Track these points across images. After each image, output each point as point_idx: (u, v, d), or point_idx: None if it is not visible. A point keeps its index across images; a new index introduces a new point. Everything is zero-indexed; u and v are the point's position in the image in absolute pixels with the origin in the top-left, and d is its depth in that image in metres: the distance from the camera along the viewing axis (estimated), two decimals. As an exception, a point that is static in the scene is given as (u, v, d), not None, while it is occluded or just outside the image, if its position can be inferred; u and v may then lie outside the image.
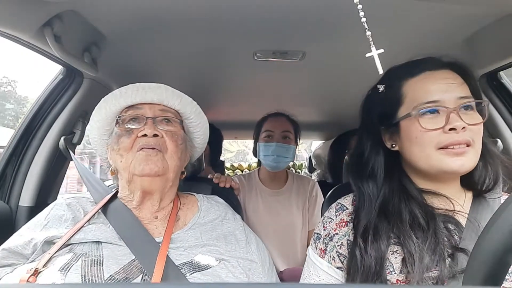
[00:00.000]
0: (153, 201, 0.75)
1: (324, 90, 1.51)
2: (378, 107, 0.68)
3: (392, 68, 0.69)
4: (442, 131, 0.59)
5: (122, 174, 0.74)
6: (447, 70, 0.64)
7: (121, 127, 0.74)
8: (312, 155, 2.77)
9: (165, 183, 0.74)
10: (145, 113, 0.75)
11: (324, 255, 0.68)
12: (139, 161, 0.69)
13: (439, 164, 0.59)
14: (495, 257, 0.39)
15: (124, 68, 1.16)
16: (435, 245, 0.57)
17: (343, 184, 1.22)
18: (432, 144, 0.59)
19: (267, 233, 1.47)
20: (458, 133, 0.58)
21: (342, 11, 0.79)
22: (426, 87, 0.62)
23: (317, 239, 0.72)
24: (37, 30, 0.78)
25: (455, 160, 0.58)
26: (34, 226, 0.71)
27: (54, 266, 0.60)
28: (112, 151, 0.74)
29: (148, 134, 0.71)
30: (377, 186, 0.66)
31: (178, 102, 0.78)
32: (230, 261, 0.69)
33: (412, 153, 0.63)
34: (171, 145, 0.73)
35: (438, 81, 0.62)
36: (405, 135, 0.64)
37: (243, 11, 0.82)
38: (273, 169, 1.51)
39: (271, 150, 1.45)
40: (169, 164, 0.72)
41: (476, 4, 0.77)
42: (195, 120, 0.83)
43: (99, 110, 0.78)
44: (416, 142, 0.61)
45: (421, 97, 0.61)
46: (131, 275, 0.61)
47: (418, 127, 0.60)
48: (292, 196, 1.54)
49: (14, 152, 1.06)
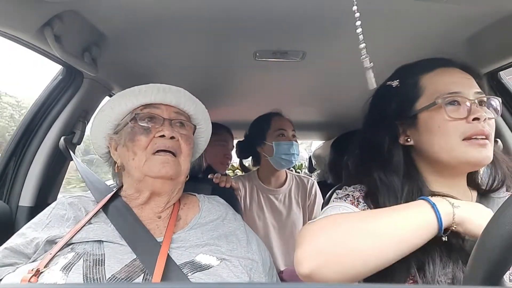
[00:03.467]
0: (159, 202, 0.75)
1: (324, 90, 1.51)
2: (393, 101, 0.68)
3: (403, 66, 0.71)
4: (465, 121, 0.59)
5: (131, 172, 0.74)
6: (457, 68, 0.66)
7: (137, 125, 0.74)
8: (312, 155, 2.77)
9: (175, 186, 0.75)
10: (161, 113, 0.76)
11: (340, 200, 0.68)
12: (155, 163, 0.70)
13: (464, 156, 0.59)
14: (496, 257, 0.39)
15: (124, 68, 1.16)
16: (450, 253, 0.57)
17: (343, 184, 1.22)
18: (456, 134, 0.60)
19: (268, 232, 1.47)
20: (480, 123, 0.59)
21: (343, 11, 0.79)
22: (446, 79, 0.63)
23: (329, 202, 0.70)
24: (37, 30, 0.78)
25: (480, 151, 0.59)
26: (36, 225, 0.71)
27: (55, 266, 0.60)
28: (122, 147, 0.74)
29: (166, 135, 0.71)
30: (401, 182, 0.64)
31: (194, 107, 0.80)
32: (231, 260, 0.69)
33: (433, 144, 0.62)
34: (185, 148, 0.74)
35: (455, 75, 0.64)
36: (425, 126, 0.63)
37: (243, 11, 0.82)
38: (283, 167, 1.51)
39: (291, 149, 1.45)
40: (182, 168, 0.74)
41: (476, 4, 0.77)
42: (203, 126, 0.85)
43: (112, 105, 0.77)
44: (439, 132, 0.61)
45: (443, 88, 0.62)
46: (132, 275, 0.61)
47: (442, 116, 0.60)
48: (292, 195, 1.54)
49: (14, 152, 1.06)
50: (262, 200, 1.51)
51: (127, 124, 0.75)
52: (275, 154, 1.46)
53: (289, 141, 1.47)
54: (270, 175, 1.55)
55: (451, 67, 0.66)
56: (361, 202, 0.67)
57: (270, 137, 1.49)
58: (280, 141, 1.46)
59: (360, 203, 0.67)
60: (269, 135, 1.49)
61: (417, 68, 0.68)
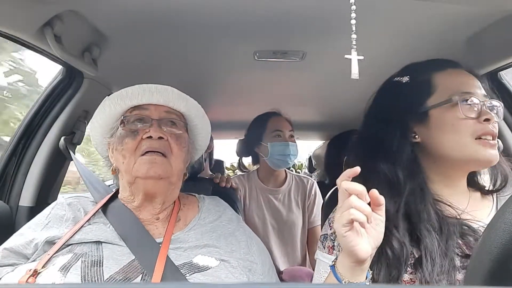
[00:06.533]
0: (155, 204, 0.74)
1: (324, 90, 1.51)
2: (402, 98, 0.69)
3: (413, 63, 0.72)
4: (477, 121, 0.61)
5: (123, 175, 0.74)
6: (465, 71, 0.67)
7: (126, 128, 0.73)
8: (312, 155, 2.76)
9: (168, 186, 0.74)
10: (150, 114, 0.75)
11: (333, 251, 0.68)
12: (143, 164, 0.69)
13: (475, 154, 0.61)
14: (496, 257, 0.39)
15: (124, 68, 1.16)
16: (447, 250, 0.57)
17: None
18: (468, 132, 0.61)
19: (268, 232, 1.47)
20: (490, 124, 0.61)
21: (343, 11, 0.79)
22: (460, 79, 0.65)
23: (324, 239, 0.71)
24: (37, 30, 0.78)
25: (491, 151, 0.61)
26: (35, 225, 0.71)
27: (53, 267, 0.60)
28: (115, 150, 0.74)
29: (153, 136, 0.70)
30: (404, 180, 0.65)
31: (184, 104, 0.78)
32: (230, 261, 0.68)
33: (444, 142, 0.63)
34: (175, 148, 0.73)
35: (465, 77, 0.66)
36: (436, 123, 0.64)
37: (243, 11, 0.82)
38: (280, 168, 1.51)
39: (287, 150, 1.45)
40: (173, 168, 0.72)
41: (476, 4, 0.77)
42: (199, 123, 0.83)
43: (103, 109, 0.77)
44: (451, 130, 0.62)
45: (457, 87, 0.63)
46: (130, 276, 0.61)
47: (455, 114, 0.62)
48: (291, 195, 1.54)
49: (14, 152, 1.06)
50: (262, 200, 1.51)
51: (118, 127, 0.75)
52: (270, 155, 1.46)
53: (285, 141, 1.46)
54: (270, 175, 1.55)
55: (460, 69, 0.67)
56: None
57: (267, 137, 1.49)
58: (275, 142, 1.46)
59: None
60: (265, 135, 1.49)
61: (428, 67, 0.69)
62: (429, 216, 0.61)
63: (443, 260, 0.56)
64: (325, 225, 0.73)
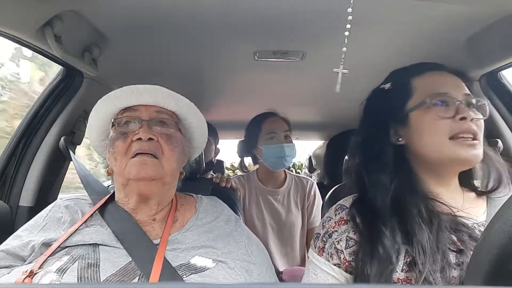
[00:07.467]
0: (151, 205, 0.74)
1: (325, 90, 1.51)
2: (385, 102, 0.71)
3: (396, 70, 0.74)
4: (452, 121, 0.62)
5: (116, 177, 0.73)
6: (447, 72, 0.69)
7: (116, 130, 0.73)
8: (312, 155, 2.76)
9: (162, 187, 0.73)
10: (140, 115, 0.74)
11: (322, 252, 0.69)
12: (133, 166, 0.68)
13: (453, 154, 0.61)
14: (496, 257, 0.39)
15: (124, 68, 1.16)
16: (438, 243, 0.58)
17: (343, 184, 1.22)
18: (444, 132, 0.62)
19: (267, 233, 1.47)
20: (467, 122, 0.61)
21: (343, 11, 0.79)
22: (436, 82, 0.67)
23: (316, 238, 0.72)
24: (37, 30, 0.78)
25: (468, 150, 0.61)
26: (32, 227, 0.70)
27: (50, 268, 0.60)
28: (108, 153, 0.74)
29: (143, 138, 0.69)
30: (389, 179, 0.66)
31: (174, 104, 0.77)
32: (228, 262, 0.68)
33: (423, 144, 0.65)
34: (166, 148, 0.72)
35: (444, 78, 0.67)
36: (415, 125, 0.66)
37: (243, 11, 0.82)
38: (278, 169, 1.51)
39: (281, 152, 1.44)
40: (164, 168, 0.71)
41: (476, 4, 0.77)
42: (193, 121, 0.81)
43: (95, 112, 0.77)
44: (428, 131, 0.64)
45: (432, 89, 0.65)
46: (127, 278, 0.61)
47: (430, 115, 0.63)
48: (291, 196, 1.54)
49: (14, 152, 1.07)
50: (261, 201, 1.51)
51: (110, 130, 0.75)
52: (265, 158, 1.46)
53: (279, 143, 1.45)
54: (269, 176, 1.54)
55: (441, 71, 0.69)
56: (348, 220, 0.68)
57: (261, 140, 1.48)
58: (269, 145, 1.45)
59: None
60: (260, 138, 1.49)
61: (409, 71, 0.71)
62: (419, 211, 0.62)
63: (435, 253, 0.56)
64: (320, 225, 0.74)
